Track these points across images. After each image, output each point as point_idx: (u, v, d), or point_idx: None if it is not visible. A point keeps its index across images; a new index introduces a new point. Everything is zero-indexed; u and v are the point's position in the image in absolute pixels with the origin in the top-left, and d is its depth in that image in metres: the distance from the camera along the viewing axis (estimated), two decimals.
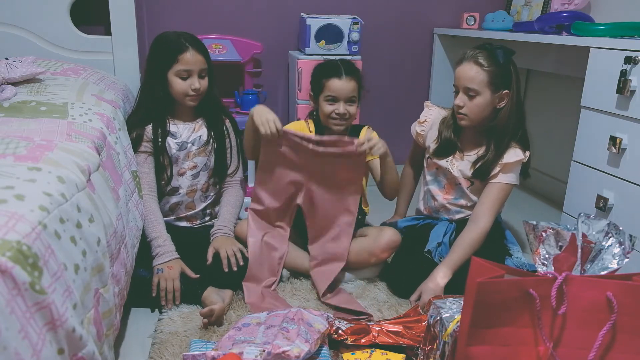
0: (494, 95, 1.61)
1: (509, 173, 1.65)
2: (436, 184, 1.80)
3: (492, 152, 1.65)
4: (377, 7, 2.66)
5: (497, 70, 1.60)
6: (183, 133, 1.74)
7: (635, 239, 1.00)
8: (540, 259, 1.02)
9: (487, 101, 1.61)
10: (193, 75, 1.66)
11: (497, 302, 0.93)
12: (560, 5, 2.30)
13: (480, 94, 1.60)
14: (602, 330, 0.92)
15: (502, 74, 1.61)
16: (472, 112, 1.63)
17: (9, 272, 0.75)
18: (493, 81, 1.60)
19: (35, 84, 1.61)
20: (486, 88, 1.60)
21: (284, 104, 2.70)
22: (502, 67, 1.60)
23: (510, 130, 1.64)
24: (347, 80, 1.70)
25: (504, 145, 1.64)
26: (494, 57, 1.60)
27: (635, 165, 1.59)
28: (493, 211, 1.64)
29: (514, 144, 1.66)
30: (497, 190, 1.65)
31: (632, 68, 1.56)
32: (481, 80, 1.59)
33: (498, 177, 1.65)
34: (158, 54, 1.70)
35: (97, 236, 1.06)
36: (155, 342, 1.38)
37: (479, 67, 1.59)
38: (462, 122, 1.67)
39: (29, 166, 1.02)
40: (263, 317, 1.37)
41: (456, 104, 1.65)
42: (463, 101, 1.63)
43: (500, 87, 1.61)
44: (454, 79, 1.67)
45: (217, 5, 2.49)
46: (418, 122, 1.85)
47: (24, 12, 1.98)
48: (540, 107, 2.75)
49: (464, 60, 1.63)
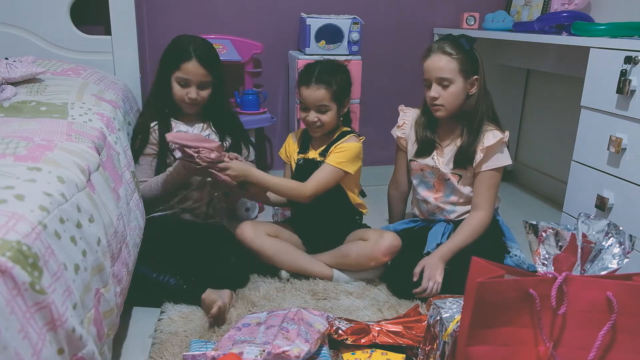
0: (466, 82, 1.66)
1: (494, 156, 1.68)
2: (424, 186, 1.81)
3: (466, 136, 1.69)
4: (377, 7, 2.66)
5: (465, 57, 1.64)
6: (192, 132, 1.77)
7: (635, 239, 1.00)
8: (540, 259, 1.02)
9: (460, 88, 1.66)
10: (191, 85, 1.69)
11: (497, 302, 0.93)
12: (560, 5, 2.30)
13: (454, 82, 1.64)
14: (602, 330, 0.92)
15: (471, 60, 1.66)
16: (448, 102, 1.66)
17: (9, 272, 0.75)
18: (464, 68, 1.64)
19: (35, 84, 1.61)
20: (458, 75, 1.64)
21: (284, 104, 2.70)
22: (468, 53, 1.65)
23: (479, 114, 1.68)
24: (315, 89, 1.67)
25: (476, 128, 1.68)
26: (459, 45, 1.64)
27: (635, 165, 1.59)
28: (489, 199, 1.69)
29: (489, 127, 1.69)
30: (487, 177, 1.68)
31: (632, 68, 1.56)
32: (453, 68, 1.63)
33: (485, 164, 1.68)
34: (167, 54, 1.74)
35: (97, 236, 1.06)
36: (155, 342, 1.38)
37: (449, 56, 1.64)
38: (439, 114, 1.69)
39: (29, 166, 1.02)
40: (263, 317, 1.37)
41: (431, 96, 1.67)
42: (437, 92, 1.66)
43: (470, 73, 1.66)
44: (424, 74, 1.70)
45: (217, 5, 2.49)
46: (397, 127, 1.87)
47: (24, 12, 1.98)
48: (540, 107, 2.75)
49: (432, 52, 1.67)
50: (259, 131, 2.66)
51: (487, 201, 1.69)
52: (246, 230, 1.72)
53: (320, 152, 1.77)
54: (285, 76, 2.66)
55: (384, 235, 1.69)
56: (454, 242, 1.65)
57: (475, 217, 1.69)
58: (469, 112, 1.68)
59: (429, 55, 1.68)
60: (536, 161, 2.79)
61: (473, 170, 1.70)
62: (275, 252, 1.71)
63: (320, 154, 1.77)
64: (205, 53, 1.70)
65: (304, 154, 1.81)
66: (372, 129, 2.59)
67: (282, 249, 1.73)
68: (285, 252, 1.73)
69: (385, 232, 1.74)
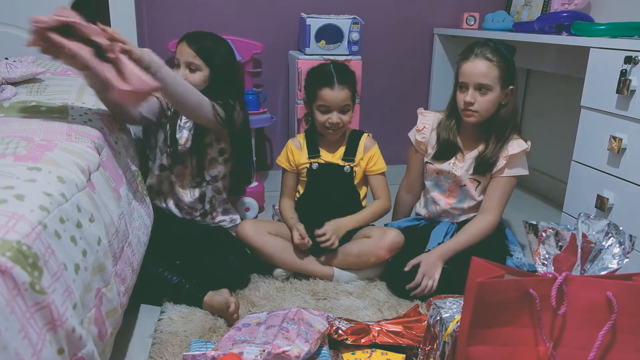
0: (503, 91, 1.64)
1: (516, 165, 1.68)
2: (438, 189, 1.79)
3: (493, 144, 1.67)
4: (377, 7, 2.66)
5: (506, 65, 1.62)
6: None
7: (635, 239, 1.00)
8: (540, 259, 1.02)
9: (497, 97, 1.63)
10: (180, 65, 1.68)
11: (497, 302, 0.93)
12: (560, 5, 2.31)
13: (492, 90, 1.62)
14: (602, 330, 0.92)
15: (510, 70, 1.64)
16: (483, 108, 1.63)
17: (9, 272, 0.75)
18: (503, 76, 1.62)
19: (35, 84, 1.61)
20: (497, 83, 1.62)
21: (284, 104, 2.70)
22: (509, 62, 1.63)
23: (509, 124, 1.67)
24: (340, 90, 1.68)
25: (505, 137, 1.67)
26: (500, 53, 1.62)
27: (635, 165, 1.59)
28: (501, 205, 1.68)
29: (514, 135, 1.68)
30: (504, 183, 1.68)
31: (632, 68, 1.56)
32: (494, 76, 1.61)
33: (505, 171, 1.67)
34: None
35: (97, 236, 1.06)
36: (155, 342, 1.38)
37: (491, 63, 1.61)
38: (471, 119, 1.66)
39: (29, 166, 1.02)
40: (263, 317, 1.37)
41: (467, 101, 1.63)
42: (474, 97, 1.62)
43: (507, 83, 1.64)
44: (461, 76, 1.65)
45: (217, 5, 2.49)
46: (417, 130, 1.81)
47: (24, 12, 1.98)
48: (540, 107, 2.75)
49: (473, 56, 1.63)
50: (259, 131, 2.66)
51: (498, 206, 1.68)
52: (247, 228, 1.72)
53: (344, 157, 1.78)
54: (285, 76, 2.66)
55: (387, 232, 1.70)
56: (456, 242, 1.65)
57: (483, 220, 1.67)
58: (498, 121, 1.66)
59: (468, 58, 1.63)
60: (536, 161, 2.79)
61: (490, 177, 1.70)
62: (276, 251, 1.71)
63: (344, 159, 1.78)
64: (199, 38, 1.69)
65: (315, 159, 1.80)
66: (372, 129, 2.58)
67: (283, 248, 1.73)
68: (285, 250, 1.72)
69: (389, 229, 1.75)
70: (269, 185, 2.56)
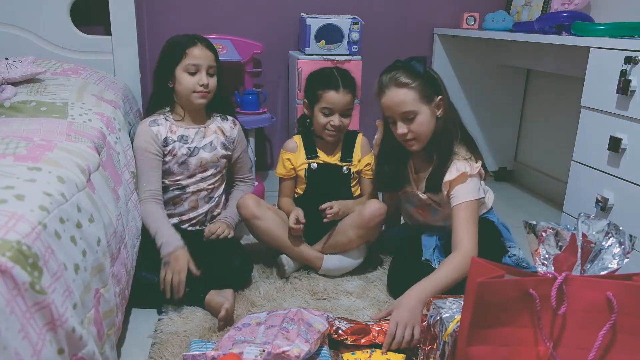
0: (431, 106, 1.53)
1: (460, 192, 1.51)
2: (411, 205, 1.76)
3: (436, 162, 1.56)
4: (377, 7, 2.66)
5: (423, 82, 1.51)
6: (194, 139, 1.73)
7: (635, 239, 1.00)
8: (540, 259, 1.02)
9: (428, 116, 1.53)
10: (201, 70, 1.66)
11: (497, 302, 0.93)
12: (560, 5, 2.31)
13: (419, 113, 1.51)
14: (602, 330, 0.92)
15: (429, 84, 1.53)
16: (419, 133, 1.54)
17: (9, 272, 0.75)
18: (425, 94, 1.51)
19: (35, 84, 1.61)
20: (421, 104, 1.51)
21: (284, 104, 2.70)
22: (425, 76, 1.52)
23: (448, 134, 1.55)
24: (345, 94, 1.71)
25: (446, 151, 1.54)
26: (412, 71, 1.51)
27: (635, 165, 1.59)
28: (469, 232, 1.49)
29: (457, 155, 1.54)
30: (458, 212, 1.51)
31: (632, 68, 1.56)
32: (413, 99, 1.50)
33: (452, 199, 1.53)
34: (167, 52, 1.70)
35: (97, 236, 1.06)
36: (155, 342, 1.38)
37: (405, 88, 1.50)
38: (414, 148, 1.57)
39: (29, 166, 1.02)
40: (263, 317, 1.37)
41: (399, 134, 1.54)
42: (405, 128, 1.53)
43: (432, 96, 1.53)
44: (384, 111, 1.57)
45: (217, 5, 2.49)
46: (376, 145, 1.76)
47: (24, 12, 1.99)
48: (540, 107, 2.75)
49: (385, 88, 1.53)
50: (259, 131, 2.66)
51: (466, 236, 1.48)
52: (249, 199, 1.72)
53: (342, 159, 1.80)
54: (285, 76, 2.66)
55: (367, 203, 1.70)
56: (435, 279, 1.42)
57: (457, 255, 1.46)
58: (436, 138, 1.55)
59: (383, 92, 1.54)
60: (536, 161, 2.79)
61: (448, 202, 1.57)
62: (272, 225, 1.71)
63: (341, 160, 1.80)
64: (207, 40, 1.71)
65: (314, 159, 1.80)
66: (372, 129, 2.58)
67: (279, 224, 1.72)
68: (281, 227, 1.72)
69: (370, 200, 1.74)
70: (269, 185, 2.56)
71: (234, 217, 1.78)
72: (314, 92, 1.73)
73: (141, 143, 1.67)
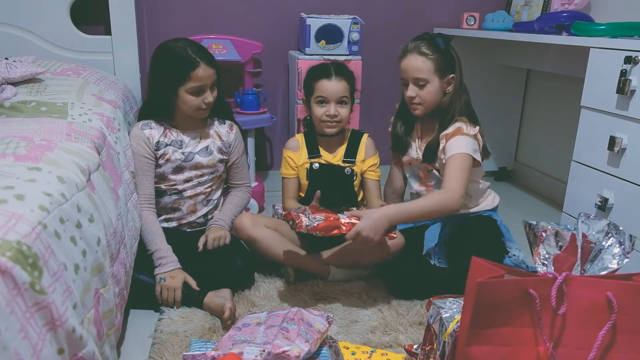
0: (442, 80, 1.67)
1: (453, 144, 1.62)
2: (415, 179, 1.83)
3: (437, 131, 1.70)
4: (377, 7, 2.66)
5: (441, 56, 1.65)
6: (189, 144, 1.72)
7: (635, 239, 1.00)
8: (540, 259, 1.02)
9: (437, 87, 1.67)
10: (206, 89, 1.63)
11: (497, 302, 0.93)
12: (560, 5, 2.31)
13: (430, 82, 1.66)
14: (602, 330, 0.92)
15: (446, 60, 1.67)
16: (425, 100, 1.68)
17: (9, 272, 0.75)
18: (439, 68, 1.66)
19: (35, 84, 1.61)
20: (434, 75, 1.66)
21: (284, 104, 2.70)
22: (444, 53, 1.66)
23: (454, 110, 1.68)
24: (337, 81, 1.71)
25: (447, 122, 1.68)
26: (435, 45, 1.65)
27: (635, 165, 1.59)
28: (456, 179, 1.56)
29: (458, 119, 1.67)
30: (450, 161, 1.61)
31: (632, 68, 1.56)
32: (429, 69, 1.65)
33: (446, 152, 1.65)
34: (167, 68, 1.62)
35: (97, 236, 1.06)
36: (155, 342, 1.38)
37: (424, 57, 1.65)
38: (416, 112, 1.72)
39: (29, 166, 1.02)
40: (263, 317, 1.37)
41: (408, 96, 1.69)
42: (415, 92, 1.67)
43: (446, 72, 1.67)
44: (401, 72, 1.71)
45: (217, 5, 2.49)
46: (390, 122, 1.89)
47: (24, 12, 1.98)
48: (540, 107, 2.75)
49: (408, 52, 1.68)
50: (259, 131, 2.66)
51: (453, 182, 1.55)
52: (245, 219, 1.71)
53: (344, 159, 1.80)
54: (285, 76, 2.66)
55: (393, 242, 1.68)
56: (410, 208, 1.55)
57: (439, 193, 1.58)
58: (443, 109, 1.70)
59: (405, 55, 1.69)
60: (536, 161, 2.79)
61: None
62: (273, 243, 1.69)
63: (344, 160, 1.79)
64: (204, 52, 1.65)
65: (316, 159, 1.80)
66: (372, 128, 2.58)
67: (280, 240, 1.71)
68: (282, 243, 1.71)
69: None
70: (269, 185, 2.56)
71: (226, 219, 1.75)
72: (309, 84, 1.75)
73: (133, 146, 1.66)
